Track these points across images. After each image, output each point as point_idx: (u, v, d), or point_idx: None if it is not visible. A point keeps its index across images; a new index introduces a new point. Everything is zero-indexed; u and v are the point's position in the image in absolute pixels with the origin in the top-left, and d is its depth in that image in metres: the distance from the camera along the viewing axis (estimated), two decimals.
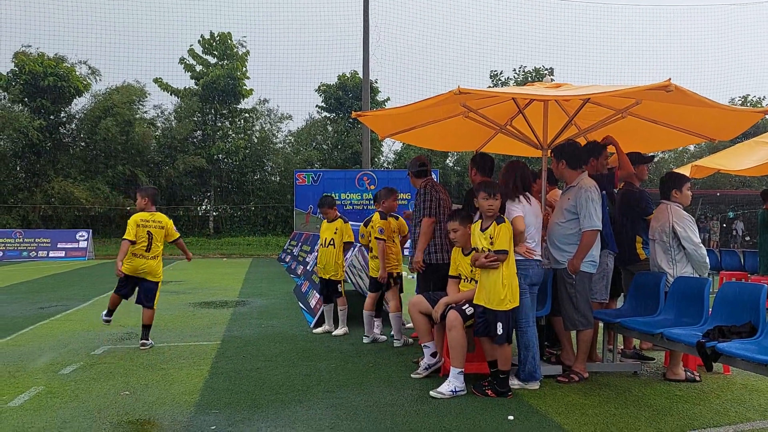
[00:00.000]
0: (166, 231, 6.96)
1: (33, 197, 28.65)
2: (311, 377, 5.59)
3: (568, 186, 5.59)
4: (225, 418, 4.45)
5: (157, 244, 6.87)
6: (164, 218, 7.00)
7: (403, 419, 4.41)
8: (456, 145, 8.58)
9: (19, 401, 4.84)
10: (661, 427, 4.30)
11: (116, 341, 7.26)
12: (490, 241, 4.88)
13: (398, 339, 7.04)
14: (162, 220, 6.95)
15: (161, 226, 6.92)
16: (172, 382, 5.41)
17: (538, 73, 35.95)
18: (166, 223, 6.98)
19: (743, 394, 5.15)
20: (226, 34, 32.79)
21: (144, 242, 6.79)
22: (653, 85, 4.35)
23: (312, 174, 25.09)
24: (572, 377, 5.42)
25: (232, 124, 33.92)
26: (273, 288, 13.16)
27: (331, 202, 7.90)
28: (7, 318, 9.00)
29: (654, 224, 5.73)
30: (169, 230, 7.01)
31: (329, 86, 35.58)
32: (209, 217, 33.17)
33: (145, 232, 6.80)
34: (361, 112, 6.41)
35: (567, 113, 6.26)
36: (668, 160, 37.27)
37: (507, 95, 5.96)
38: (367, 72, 25.23)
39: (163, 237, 6.95)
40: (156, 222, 6.89)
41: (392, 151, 37.14)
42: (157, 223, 6.90)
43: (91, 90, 31.15)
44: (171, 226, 7.04)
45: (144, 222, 6.83)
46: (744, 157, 8.83)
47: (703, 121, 5.99)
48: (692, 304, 5.14)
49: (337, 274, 7.62)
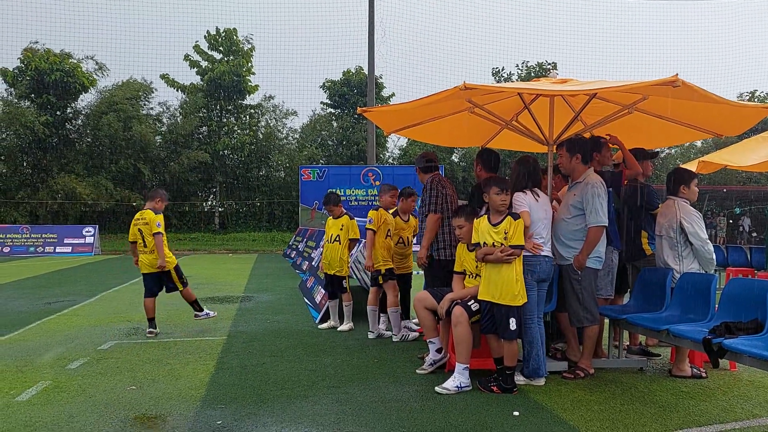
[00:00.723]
0: (150, 227, 7.39)
1: (39, 193, 28.76)
2: (316, 372, 5.60)
3: (574, 182, 5.57)
4: (231, 413, 4.47)
5: (148, 239, 7.38)
6: (149, 215, 7.42)
7: (409, 415, 4.42)
8: (461, 141, 8.56)
9: (27, 396, 4.87)
10: (667, 423, 4.30)
11: (123, 336, 7.29)
12: (504, 236, 4.87)
13: (396, 334, 7.06)
14: (146, 216, 7.43)
15: (145, 222, 7.41)
16: (178, 377, 5.43)
17: (542, 68, 35.83)
18: (149, 219, 7.40)
19: (750, 391, 5.14)
20: (232, 30, 32.74)
21: (140, 239, 7.43)
22: (660, 80, 4.32)
23: (317, 170, 25.11)
24: (578, 373, 5.41)
25: (237, 120, 33.93)
26: (278, 283, 13.19)
27: (336, 200, 7.89)
28: (15, 313, 9.04)
29: (661, 220, 5.71)
30: (152, 226, 7.38)
31: (334, 82, 35.54)
32: (215, 212, 33.24)
33: (137, 230, 7.45)
34: (366, 108, 6.40)
35: (573, 109, 6.24)
36: (675, 156, 37.15)
37: (513, 91, 5.95)
38: (372, 68, 25.22)
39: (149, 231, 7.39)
40: (142, 219, 7.46)
41: (397, 146, 37.17)
42: (142, 220, 7.44)
43: (97, 86, 31.25)
44: (153, 222, 7.38)
45: (135, 221, 7.53)
46: (751, 153, 8.78)
47: (710, 117, 5.96)
48: (698, 301, 5.12)
49: (342, 270, 7.63)
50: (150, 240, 7.35)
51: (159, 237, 7.34)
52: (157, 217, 7.37)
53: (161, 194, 7.64)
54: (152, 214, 7.38)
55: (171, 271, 7.49)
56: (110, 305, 9.89)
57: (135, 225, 7.46)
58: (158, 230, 7.33)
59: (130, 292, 11.63)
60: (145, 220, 7.40)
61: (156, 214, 7.40)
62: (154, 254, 7.37)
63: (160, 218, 7.40)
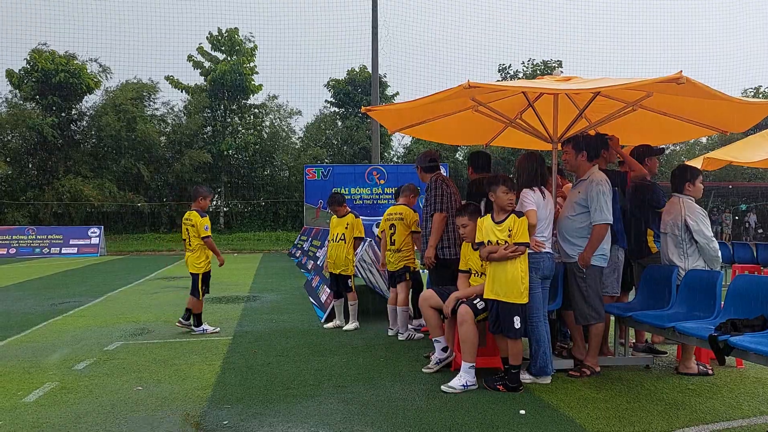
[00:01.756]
0: (196, 229, 7.51)
1: (44, 195, 28.86)
2: (322, 372, 5.61)
3: (579, 179, 5.56)
4: (237, 413, 4.48)
5: (193, 240, 7.54)
6: (195, 217, 7.52)
7: (415, 414, 4.42)
8: (466, 139, 8.54)
9: (34, 397, 4.89)
10: (673, 420, 4.29)
11: (129, 337, 7.31)
12: (508, 234, 4.87)
13: (402, 333, 7.07)
14: (192, 218, 7.54)
15: (192, 224, 7.55)
16: (184, 378, 5.44)
17: (547, 66, 35.77)
18: (195, 222, 7.51)
19: (756, 388, 5.12)
20: (234, 29, 32.79)
21: (187, 238, 7.64)
22: (664, 77, 4.31)
23: (322, 169, 25.09)
24: (584, 371, 5.40)
25: (241, 119, 33.98)
26: (284, 283, 13.20)
27: (340, 200, 7.88)
28: (21, 314, 9.08)
29: (666, 217, 5.70)
30: (198, 229, 7.50)
31: (338, 81, 35.58)
32: (220, 212, 33.30)
33: (185, 229, 7.66)
34: (370, 107, 6.40)
35: (577, 106, 6.23)
36: (679, 153, 37.02)
37: (517, 89, 5.94)
38: (376, 67, 25.19)
39: (196, 233, 7.51)
40: (189, 221, 7.60)
41: (402, 145, 37.17)
42: (189, 222, 7.58)
43: (102, 87, 31.33)
44: (200, 226, 7.48)
45: (183, 220, 7.73)
46: (756, 149, 8.76)
47: (715, 114, 5.93)
48: (704, 298, 5.11)
49: (348, 269, 7.64)
50: (194, 240, 7.51)
51: (208, 240, 7.50)
52: (203, 220, 7.48)
53: (202, 192, 7.67)
54: (198, 217, 7.47)
55: (198, 276, 7.53)
56: (116, 306, 9.92)
57: (184, 224, 7.68)
58: (206, 234, 7.47)
59: (135, 292, 11.67)
60: (191, 221, 7.51)
61: (202, 215, 7.49)
62: (196, 254, 7.52)
63: (206, 221, 7.50)
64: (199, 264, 7.52)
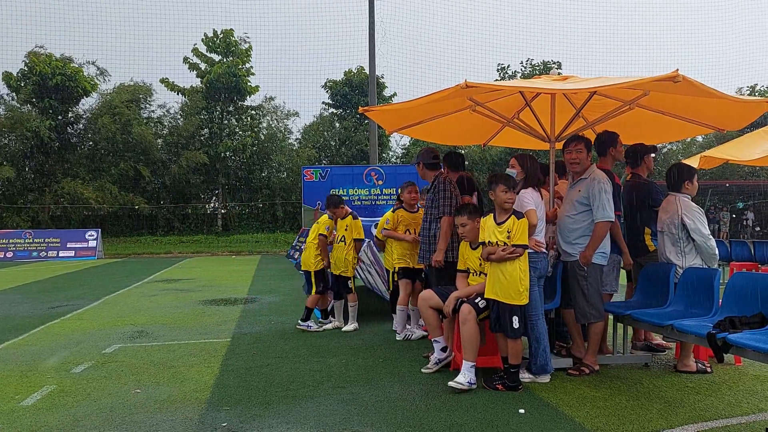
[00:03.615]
0: (319, 227, 7.95)
1: (42, 198, 28.80)
2: (321, 373, 5.60)
3: (578, 178, 5.56)
4: (236, 415, 4.47)
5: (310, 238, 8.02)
6: (323, 217, 8.03)
7: (414, 414, 4.42)
8: (463, 139, 8.55)
9: (32, 400, 4.88)
10: (672, 418, 4.29)
11: (127, 340, 7.30)
12: (507, 235, 4.88)
13: (400, 333, 7.06)
14: (320, 219, 8.07)
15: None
16: (183, 380, 5.44)
17: (546, 66, 35.80)
18: (320, 220, 8.01)
19: (755, 385, 5.13)
20: (229, 30, 32.72)
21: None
22: (661, 76, 4.32)
23: (320, 170, 25.04)
24: (583, 370, 5.41)
25: (238, 121, 33.92)
26: (282, 285, 13.19)
27: (337, 202, 7.81)
28: (19, 317, 9.06)
29: (662, 216, 5.70)
30: (320, 227, 7.90)
31: (336, 82, 35.54)
32: (217, 214, 33.25)
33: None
34: (367, 107, 6.39)
35: (574, 106, 6.24)
36: (676, 151, 37.06)
37: (514, 89, 5.94)
38: (373, 67, 25.18)
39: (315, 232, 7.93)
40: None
41: (400, 146, 37.15)
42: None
43: (98, 90, 31.28)
44: (322, 225, 7.94)
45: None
46: (753, 147, 8.78)
47: (711, 112, 5.95)
48: (702, 295, 5.11)
49: (348, 270, 7.63)
50: (310, 237, 8.01)
51: (320, 238, 7.84)
52: (328, 221, 7.89)
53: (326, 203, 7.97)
54: (325, 217, 7.98)
55: (312, 272, 7.82)
56: (114, 309, 9.90)
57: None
58: (322, 233, 7.85)
59: (133, 295, 11.65)
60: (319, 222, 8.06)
61: (330, 218, 7.92)
62: (307, 252, 7.95)
63: (330, 222, 7.91)
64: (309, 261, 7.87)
